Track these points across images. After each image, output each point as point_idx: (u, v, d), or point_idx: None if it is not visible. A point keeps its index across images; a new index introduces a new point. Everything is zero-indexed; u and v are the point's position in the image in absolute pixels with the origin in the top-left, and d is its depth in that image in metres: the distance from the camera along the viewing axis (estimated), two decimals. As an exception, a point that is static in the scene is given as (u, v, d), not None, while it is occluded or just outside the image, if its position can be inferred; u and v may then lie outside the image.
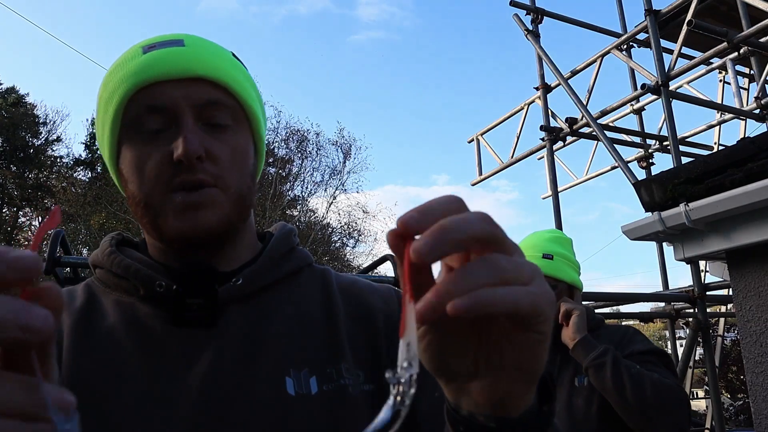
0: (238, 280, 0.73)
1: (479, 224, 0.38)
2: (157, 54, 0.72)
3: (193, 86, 0.72)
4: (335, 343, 0.74)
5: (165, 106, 0.71)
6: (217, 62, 0.74)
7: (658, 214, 2.76)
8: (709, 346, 5.21)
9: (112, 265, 0.75)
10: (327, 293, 0.80)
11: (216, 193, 0.71)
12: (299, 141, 20.53)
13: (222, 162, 0.72)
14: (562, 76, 5.91)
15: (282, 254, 0.80)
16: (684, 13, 5.25)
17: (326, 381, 0.70)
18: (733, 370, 17.73)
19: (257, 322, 0.73)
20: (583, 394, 1.63)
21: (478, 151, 7.40)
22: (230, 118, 0.74)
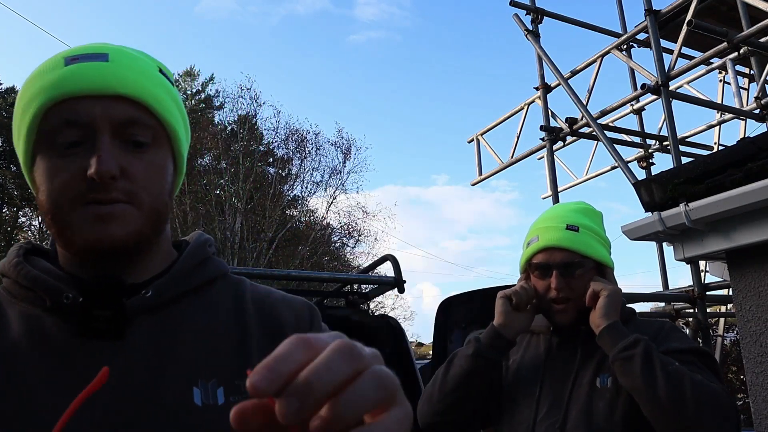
0: (148, 292, 0.73)
1: (341, 372, 0.35)
2: (79, 68, 0.71)
3: (113, 104, 0.71)
4: (246, 356, 0.74)
5: (83, 121, 0.70)
6: (140, 80, 0.74)
7: (658, 214, 2.76)
8: (709, 346, 5.21)
9: (18, 275, 0.73)
10: (239, 305, 0.80)
11: (128, 209, 0.71)
12: (298, 141, 20.54)
13: (137, 180, 0.72)
14: (562, 76, 5.91)
15: (195, 265, 0.79)
16: (684, 13, 5.25)
17: (234, 392, 0.71)
18: (733, 370, 17.72)
19: (166, 333, 0.73)
20: (606, 396, 1.40)
21: (478, 151, 7.40)
22: (149, 137, 0.74)
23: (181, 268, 0.78)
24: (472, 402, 1.51)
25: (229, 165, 18.95)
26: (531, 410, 1.46)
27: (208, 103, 25.01)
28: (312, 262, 19.13)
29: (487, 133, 7.37)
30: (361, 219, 21.72)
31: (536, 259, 1.51)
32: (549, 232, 1.50)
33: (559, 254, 1.48)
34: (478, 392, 1.50)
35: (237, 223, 18.12)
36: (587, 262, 1.49)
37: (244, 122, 19.82)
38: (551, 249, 1.49)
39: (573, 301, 1.47)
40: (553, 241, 1.49)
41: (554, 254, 1.48)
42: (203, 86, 25.63)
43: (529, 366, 1.54)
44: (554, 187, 5.98)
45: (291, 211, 20.98)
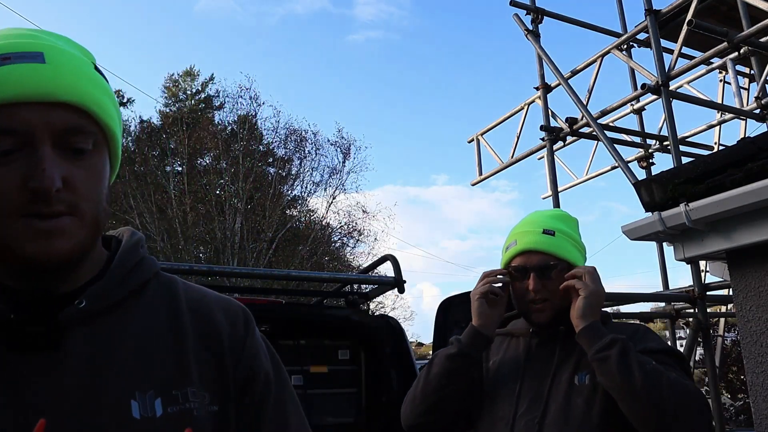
0: (81, 302, 0.70)
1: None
2: (14, 70, 0.66)
3: (52, 111, 0.67)
4: (182, 365, 0.74)
5: (20, 130, 0.66)
6: (80, 83, 0.70)
7: (658, 214, 2.76)
8: (710, 346, 5.21)
9: None
10: (175, 309, 0.78)
11: (71, 222, 0.68)
12: (298, 141, 20.54)
13: (79, 191, 0.69)
14: (562, 76, 5.90)
15: (129, 269, 0.77)
16: (684, 13, 5.24)
17: (171, 403, 0.70)
18: (733, 370, 17.69)
19: (102, 344, 0.71)
20: (584, 393, 1.44)
21: (478, 151, 7.39)
22: (90, 143, 0.71)
23: (115, 274, 0.75)
24: (453, 402, 1.54)
25: (229, 165, 18.95)
26: (511, 406, 1.51)
27: (208, 103, 25.00)
28: (312, 262, 19.12)
29: (487, 133, 7.37)
30: (361, 219, 21.72)
31: (515, 262, 1.58)
32: (526, 236, 1.57)
33: (536, 257, 1.54)
34: (459, 391, 1.53)
35: (237, 223, 18.11)
36: (563, 265, 1.55)
37: (244, 122, 19.82)
38: (528, 252, 1.55)
39: (550, 302, 1.53)
40: (530, 244, 1.55)
41: (531, 257, 1.55)
42: (203, 86, 25.61)
43: (510, 365, 1.59)
44: (554, 187, 5.98)
45: (291, 211, 20.98)
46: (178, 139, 19.56)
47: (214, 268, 3.88)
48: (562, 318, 1.53)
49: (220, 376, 0.76)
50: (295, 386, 2.98)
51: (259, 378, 0.80)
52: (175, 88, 25.06)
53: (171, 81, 25.37)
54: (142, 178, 18.86)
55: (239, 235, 17.99)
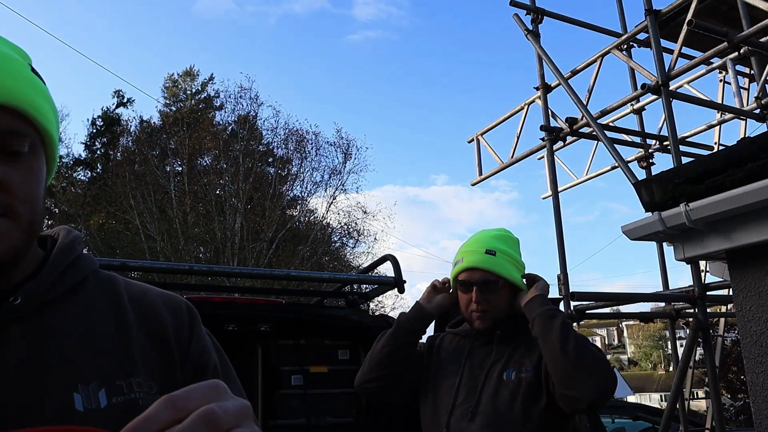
0: (17, 299, 0.70)
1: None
2: None
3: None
4: (126, 356, 0.74)
5: None
6: (16, 86, 0.69)
7: (658, 214, 2.76)
8: (709, 346, 5.21)
9: None
10: (117, 304, 0.78)
11: (5, 224, 0.67)
12: (298, 141, 20.53)
13: (14, 191, 0.68)
14: (562, 76, 5.90)
15: (66, 266, 0.76)
16: (684, 13, 5.24)
17: (116, 394, 0.70)
18: (733, 370, 17.70)
19: (40, 340, 0.70)
20: (510, 387, 1.72)
21: (478, 151, 7.39)
22: (26, 146, 0.70)
23: (51, 271, 0.74)
24: (395, 367, 1.81)
25: (229, 165, 18.94)
26: (451, 396, 1.78)
27: (208, 103, 25.00)
28: (312, 262, 19.12)
29: (487, 133, 7.37)
30: (361, 219, 21.72)
31: (461, 276, 1.85)
32: (471, 255, 1.83)
33: (478, 273, 1.81)
34: (401, 359, 1.82)
35: (237, 223, 18.11)
36: (502, 281, 1.82)
37: (244, 122, 19.82)
38: (472, 269, 1.82)
39: (490, 312, 1.80)
40: (473, 262, 1.82)
41: (474, 273, 1.81)
42: (203, 86, 25.62)
43: (453, 361, 1.87)
44: (554, 187, 5.98)
45: (291, 211, 20.98)
46: (178, 139, 19.55)
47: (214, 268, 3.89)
48: (500, 325, 1.82)
49: (166, 366, 0.77)
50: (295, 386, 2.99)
51: (209, 369, 0.81)
52: (175, 88, 25.06)
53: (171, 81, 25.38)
54: (142, 178, 18.85)
55: (239, 235, 17.99)
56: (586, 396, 1.57)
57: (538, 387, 1.70)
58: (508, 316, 1.83)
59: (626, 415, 8.26)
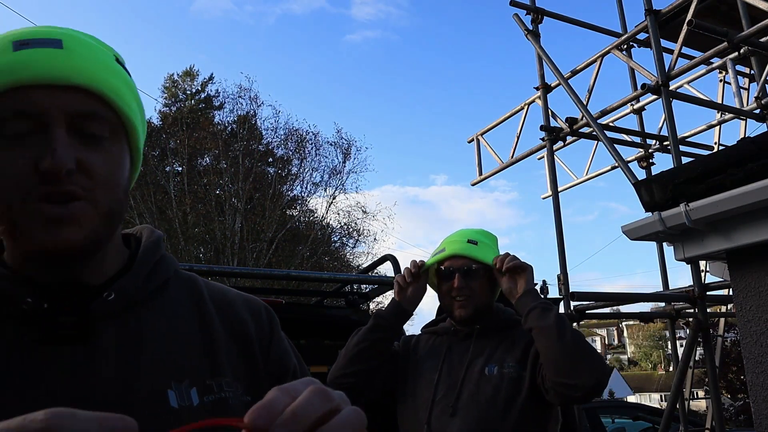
0: (110, 295, 0.70)
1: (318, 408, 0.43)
2: (31, 54, 0.65)
3: (68, 95, 0.66)
4: (213, 356, 0.74)
5: (34, 112, 0.65)
6: (96, 69, 0.69)
7: (658, 214, 2.76)
8: (709, 346, 5.21)
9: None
10: (199, 304, 0.79)
11: (84, 208, 0.66)
12: (298, 141, 20.53)
13: (94, 175, 0.67)
14: (562, 76, 5.90)
15: (152, 265, 0.77)
16: (684, 13, 5.24)
17: (207, 393, 0.70)
18: (733, 370, 17.71)
19: (132, 337, 0.70)
20: (492, 382, 1.73)
21: (478, 151, 7.39)
22: (107, 130, 0.69)
23: (140, 268, 0.75)
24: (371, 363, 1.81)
25: (229, 165, 18.94)
26: (430, 392, 1.78)
27: (208, 103, 25.00)
28: (312, 262, 19.12)
29: (487, 132, 7.37)
30: (361, 219, 21.72)
31: (443, 265, 1.88)
32: (453, 244, 1.88)
33: (460, 261, 1.84)
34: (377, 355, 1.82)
35: (237, 223, 18.11)
36: (483, 269, 1.84)
37: (243, 122, 19.81)
38: (455, 257, 1.85)
39: (472, 299, 1.82)
40: (456, 250, 1.86)
41: (457, 261, 1.85)
42: (203, 86, 25.61)
43: (432, 358, 1.88)
44: (554, 187, 5.98)
45: (291, 211, 20.98)
46: (178, 139, 19.54)
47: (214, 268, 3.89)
48: (480, 316, 1.83)
49: (250, 368, 0.77)
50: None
51: (290, 373, 0.82)
52: (175, 88, 25.04)
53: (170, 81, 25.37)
54: (142, 178, 18.84)
55: (239, 235, 17.98)
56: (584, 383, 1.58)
57: (520, 382, 1.72)
58: (487, 309, 1.86)
59: (626, 415, 8.27)
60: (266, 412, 0.42)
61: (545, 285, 4.98)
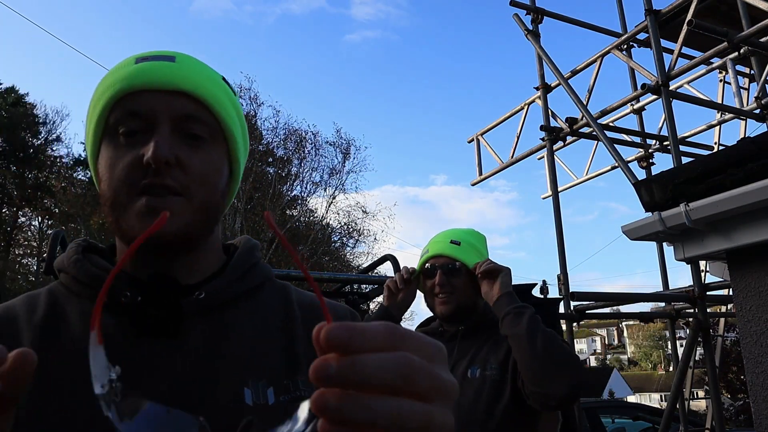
0: (201, 294, 0.75)
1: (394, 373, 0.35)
2: (147, 65, 0.75)
3: (174, 99, 0.74)
4: (293, 356, 0.78)
5: (144, 112, 0.73)
6: (201, 80, 0.77)
7: (658, 214, 2.76)
8: (709, 346, 5.21)
9: (78, 272, 0.76)
10: (287, 309, 0.83)
11: (180, 202, 0.72)
12: (298, 141, 20.53)
13: (191, 172, 0.73)
14: (562, 76, 5.90)
15: (245, 270, 0.82)
16: (684, 13, 5.25)
17: (283, 392, 0.73)
18: (733, 370, 17.72)
19: (218, 335, 0.74)
20: (474, 385, 1.73)
21: (478, 151, 7.40)
22: (206, 133, 0.76)
23: (232, 272, 0.80)
24: None
25: (229, 165, 18.93)
26: None
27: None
28: (312, 262, 19.13)
29: (487, 132, 7.38)
30: (361, 219, 21.72)
31: (427, 264, 1.92)
32: (437, 244, 1.93)
33: (442, 260, 1.88)
34: None
35: (237, 223, 18.11)
36: (466, 268, 1.86)
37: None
38: (437, 256, 1.90)
39: (454, 296, 1.85)
40: (438, 250, 1.91)
41: (439, 260, 1.90)
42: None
43: None
44: (554, 186, 5.98)
45: (291, 211, 20.99)
46: (178, 139, 19.53)
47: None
48: (463, 316, 1.86)
49: None
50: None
51: None
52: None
53: (171, 81, 25.36)
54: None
55: (239, 235, 17.98)
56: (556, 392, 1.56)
57: (502, 385, 1.71)
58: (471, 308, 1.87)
59: (626, 415, 8.27)
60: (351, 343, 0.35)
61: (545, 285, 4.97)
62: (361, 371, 0.34)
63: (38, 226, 26.99)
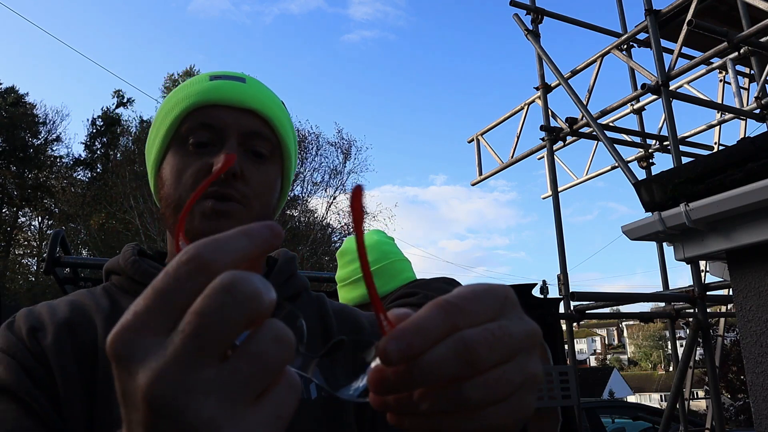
0: None
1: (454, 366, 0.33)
2: (220, 83, 0.83)
3: (243, 115, 0.82)
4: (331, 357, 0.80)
5: (216, 125, 0.80)
6: (266, 101, 0.85)
7: (659, 214, 2.76)
8: (709, 346, 5.21)
9: (136, 272, 0.82)
10: (323, 314, 0.89)
11: (240, 210, 0.78)
12: (298, 141, 20.53)
13: (253, 186, 0.80)
14: (562, 76, 5.91)
15: (285, 279, 0.88)
16: (684, 13, 5.25)
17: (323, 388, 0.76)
18: (733, 370, 17.73)
19: None
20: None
21: (478, 151, 7.40)
22: (268, 151, 0.83)
23: (275, 279, 0.86)
24: None
25: (229, 165, 18.92)
26: None
27: (208, 103, 24.98)
28: (312, 262, 19.12)
29: (487, 132, 7.38)
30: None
31: None
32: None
33: None
34: None
35: (237, 223, 18.10)
36: None
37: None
38: None
39: None
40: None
41: None
42: (203, 86, 25.59)
43: None
44: (554, 186, 5.98)
45: (291, 211, 20.98)
46: (178, 139, 19.53)
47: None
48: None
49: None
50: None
51: None
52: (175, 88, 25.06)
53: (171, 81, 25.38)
54: (142, 178, 18.84)
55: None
56: None
57: None
58: None
59: (626, 415, 8.27)
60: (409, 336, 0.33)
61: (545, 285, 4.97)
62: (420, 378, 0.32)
63: (38, 226, 26.99)
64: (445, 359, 0.32)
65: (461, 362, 0.32)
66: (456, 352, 0.33)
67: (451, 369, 0.32)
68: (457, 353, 0.33)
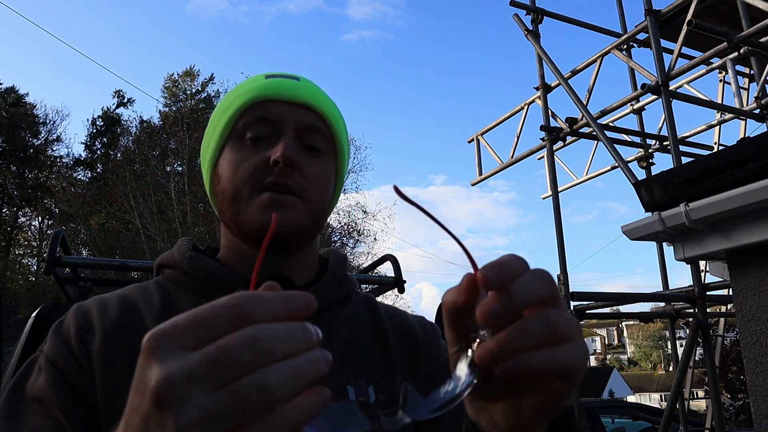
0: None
1: (542, 288, 0.44)
2: (276, 81, 0.86)
3: (299, 110, 0.84)
4: (386, 359, 0.85)
5: (273, 119, 0.82)
6: (320, 97, 0.87)
7: (658, 214, 2.76)
8: (709, 346, 5.21)
9: (192, 267, 0.83)
10: (376, 316, 0.91)
11: (297, 202, 0.80)
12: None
13: (309, 179, 0.81)
14: (562, 76, 5.90)
15: (340, 279, 0.90)
16: (684, 13, 5.25)
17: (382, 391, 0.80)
18: (733, 370, 17.72)
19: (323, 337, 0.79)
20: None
21: (478, 151, 7.40)
22: (323, 145, 0.85)
23: (331, 278, 0.88)
24: None
25: (229, 165, 18.91)
26: None
27: (208, 103, 25.00)
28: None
29: (487, 132, 7.38)
30: (361, 219, 21.72)
31: None
32: None
33: None
34: None
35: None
36: None
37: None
38: None
39: None
40: None
41: None
42: (203, 86, 25.61)
43: None
44: (554, 187, 5.98)
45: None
46: (179, 139, 19.55)
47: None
48: None
49: (417, 365, 0.89)
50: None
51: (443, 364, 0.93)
52: (175, 88, 25.06)
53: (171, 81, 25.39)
54: (142, 178, 18.85)
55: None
56: None
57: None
58: None
59: (626, 415, 8.27)
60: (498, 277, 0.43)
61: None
62: (518, 299, 0.42)
63: (38, 226, 27.00)
64: (532, 281, 0.43)
65: (545, 284, 0.43)
66: (540, 277, 0.44)
67: (539, 290, 0.43)
68: (541, 278, 0.44)
